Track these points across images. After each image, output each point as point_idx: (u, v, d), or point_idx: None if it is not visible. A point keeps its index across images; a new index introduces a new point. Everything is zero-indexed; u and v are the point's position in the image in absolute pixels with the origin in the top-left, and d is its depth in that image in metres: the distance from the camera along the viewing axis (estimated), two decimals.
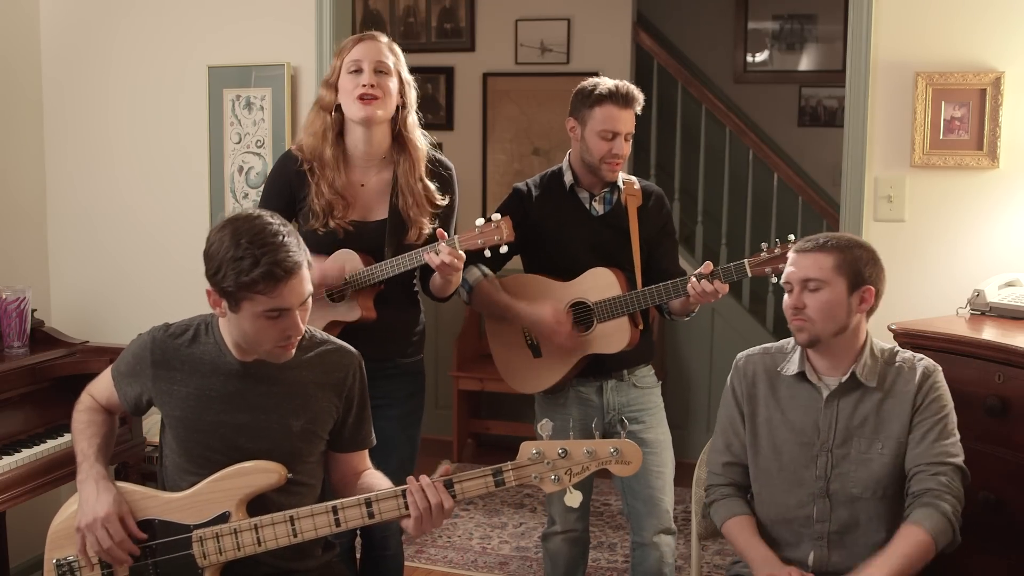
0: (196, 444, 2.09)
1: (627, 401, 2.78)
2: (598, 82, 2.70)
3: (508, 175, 5.44)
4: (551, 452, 1.94)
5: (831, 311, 2.16)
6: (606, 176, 2.72)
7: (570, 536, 2.84)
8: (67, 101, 3.61)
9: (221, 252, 1.95)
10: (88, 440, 2.17)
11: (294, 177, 2.56)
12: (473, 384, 5.07)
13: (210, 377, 2.09)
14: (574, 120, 2.74)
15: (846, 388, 2.21)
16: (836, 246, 2.18)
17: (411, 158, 2.54)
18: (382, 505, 1.98)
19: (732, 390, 2.35)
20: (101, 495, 2.05)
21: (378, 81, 2.46)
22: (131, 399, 2.18)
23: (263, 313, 1.96)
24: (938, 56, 2.86)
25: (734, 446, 2.33)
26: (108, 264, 3.63)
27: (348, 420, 2.17)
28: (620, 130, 2.66)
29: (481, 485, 1.96)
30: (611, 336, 2.70)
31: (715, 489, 2.35)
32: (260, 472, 2.04)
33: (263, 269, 1.91)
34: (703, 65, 5.82)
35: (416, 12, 5.64)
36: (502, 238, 2.41)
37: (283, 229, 1.97)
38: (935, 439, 2.15)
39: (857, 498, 2.18)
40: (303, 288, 1.98)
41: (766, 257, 2.50)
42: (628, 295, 2.66)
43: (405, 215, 2.53)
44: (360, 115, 2.47)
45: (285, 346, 2.03)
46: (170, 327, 2.16)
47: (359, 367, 2.19)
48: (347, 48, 2.52)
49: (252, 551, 2.02)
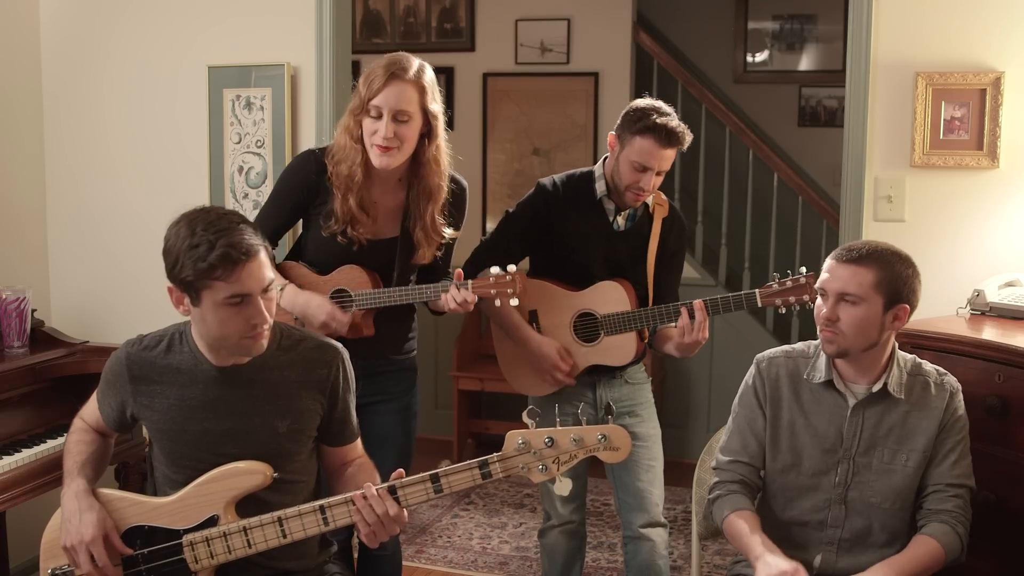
0: (182, 455, 2.08)
1: (619, 396, 2.79)
2: (651, 111, 2.59)
3: (508, 175, 5.44)
4: (537, 441, 1.91)
5: (864, 328, 2.13)
6: (629, 202, 2.69)
7: (566, 529, 2.84)
8: (67, 101, 3.61)
9: (177, 244, 1.93)
10: (73, 458, 2.16)
11: (314, 182, 2.54)
12: (473, 384, 5.07)
13: (189, 386, 2.07)
14: (615, 137, 2.67)
15: (875, 398, 2.20)
16: (878, 261, 2.12)
17: (428, 189, 2.51)
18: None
19: (754, 391, 2.31)
20: (84, 515, 2.03)
21: (396, 130, 2.41)
22: (114, 417, 2.18)
23: (224, 301, 1.93)
24: (938, 56, 2.86)
25: (751, 447, 2.30)
26: (108, 264, 3.63)
27: (334, 416, 2.16)
28: (653, 166, 2.59)
29: (468, 478, 1.94)
30: (616, 350, 2.70)
31: (722, 485, 2.32)
32: (246, 474, 2.02)
33: (219, 252, 1.89)
34: (703, 65, 5.82)
35: (416, 12, 5.64)
36: (514, 291, 2.40)
37: (236, 217, 1.96)
38: (956, 459, 2.17)
39: (875, 507, 2.19)
40: (262, 273, 1.95)
41: (777, 289, 2.50)
42: (637, 312, 2.65)
43: (415, 241, 2.54)
44: (376, 164, 2.45)
45: (253, 336, 1.99)
46: (143, 339, 2.14)
47: (342, 362, 2.16)
48: (369, 82, 2.41)
49: (243, 553, 2.02)
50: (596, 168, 2.77)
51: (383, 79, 2.40)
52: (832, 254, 2.20)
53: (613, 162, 2.68)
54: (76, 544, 2.01)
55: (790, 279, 2.49)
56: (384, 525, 1.95)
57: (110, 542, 2.03)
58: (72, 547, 2.02)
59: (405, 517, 1.98)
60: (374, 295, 2.50)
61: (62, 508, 2.08)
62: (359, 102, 2.44)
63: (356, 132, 2.46)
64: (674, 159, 2.65)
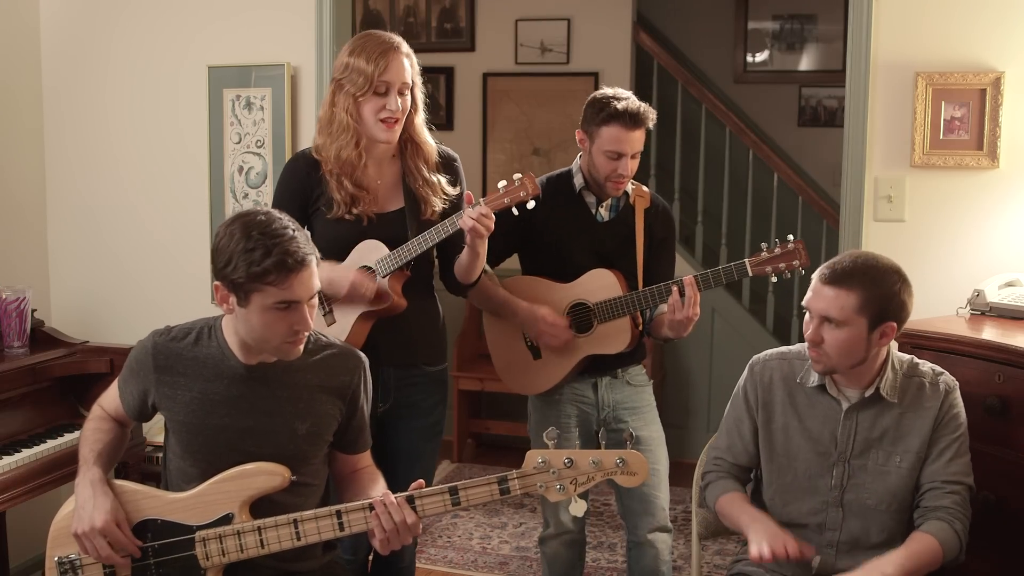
0: (200, 448, 2.09)
1: (621, 399, 2.79)
2: (608, 99, 2.63)
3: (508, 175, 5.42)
4: (557, 461, 1.94)
5: (849, 350, 2.11)
6: (611, 192, 2.72)
7: (566, 539, 2.82)
8: (67, 101, 3.61)
9: (231, 245, 1.96)
10: (90, 446, 2.16)
11: (308, 180, 2.54)
12: (473, 384, 5.06)
13: (214, 381, 2.08)
14: (583, 133, 2.70)
15: (868, 402, 2.19)
16: (862, 281, 2.08)
17: (420, 151, 2.54)
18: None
19: (745, 394, 2.31)
20: (98, 501, 2.04)
21: (400, 102, 2.45)
22: (135, 406, 2.18)
23: (273, 306, 1.96)
24: (938, 56, 2.86)
25: (736, 448, 2.32)
26: (108, 264, 3.63)
27: (351, 423, 2.17)
28: (626, 151, 2.63)
29: (486, 493, 1.98)
30: (612, 337, 2.70)
31: (710, 474, 2.36)
32: (264, 474, 2.03)
33: (275, 259, 1.92)
34: (703, 65, 5.82)
35: (416, 12, 5.64)
36: (528, 193, 2.40)
37: (292, 225, 2.00)
38: (952, 457, 2.16)
39: (871, 509, 2.18)
40: (312, 282, 1.99)
41: (766, 257, 2.52)
42: (628, 295, 2.66)
43: (420, 197, 2.53)
44: (384, 138, 2.46)
45: (293, 342, 2.03)
46: (171, 330, 2.15)
47: (364, 370, 2.18)
48: (375, 60, 2.42)
49: (255, 553, 2.02)
50: (573, 165, 2.80)
51: (388, 56, 2.43)
52: (817, 272, 2.16)
53: (587, 158, 2.71)
54: (88, 531, 2.02)
55: (779, 246, 2.50)
56: (399, 533, 1.97)
57: (121, 531, 2.03)
58: (84, 533, 2.02)
59: (420, 527, 2.00)
60: (394, 255, 2.47)
61: (76, 495, 2.08)
62: (365, 82, 2.42)
63: (356, 113, 2.47)
64: (646, 139, 2.68)
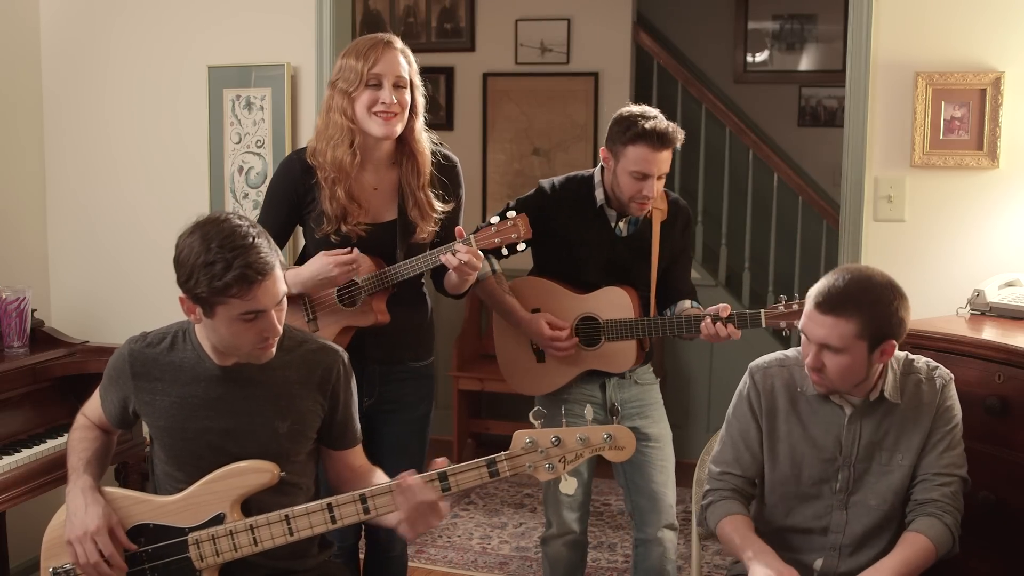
0: (183, 452, 2.09)
1: (629, 397, 2.78)
2: (636, 117, 2.57)
3: (508, 175, 5.44)
4: (544, 440, 1.94)
5: (851, 373, 2.09)
6: (634, 212, 2.67)
7: (569, 540, 2.81)
8: (67, 101, 3.61)
9: (192, 258, 1.93)
10: (78, 455, 2.17)
11: (301, 183, 2.53)
12: (473, 384, 5.06)
13: (191, 384, 2.08)
14: (607, 151, 2.65)
15: (871, 406, 2.19)
16: (858, 306, 2.03)
17: (416, 164, 2.51)
18: (377, 500, 1.99)
19: (748, 402, 2.27)
20: (89, 508, 2.04)
21: (397, 96, 2.43)
22: (116, 414, 2.18)
23: (239, 317, 1.94)
24: (938, 56, 2.86)
25: (744, 459, 2.28)
26: (108, 264, 3.63)
27: (335, 418, 2.16)
28: (652, 172, 2.57)
29: (475, 476, 1.95)
30: (617, 356, 2.70)
31: (714, 492, 2.30)
32: (252, 472, 2.03)
33: (236, 272, 1.89)
34: (703, 65, 5.82)
35: (416, 12, 5.64)
36: (519, 236, 2.38)
37: (252, 231, 1.96)
38: (944, 449, 2.16)
39: (874, 509, 2.18)
40: (277, 288, 1.97)
41: (783, 311, 2.50)
42: (640, 321, 2.65)
43: (410, 219, 2.52)
44: (380, 132, 2.44)
45: (264, 347, 2.02)
46: (147, 336, 2.15)
47: (342, 364, 2.17)
48: (364, 55, 2.42)
49: (249, 552, 2.02)
50: (595, 174, 2.75)
51: (378, 50, 2.43)
52: (812, 295, 2.10)
53: (611, 176, 2.66)
54: (81, 535, 2.01)
55: (796, 303, 2.48)
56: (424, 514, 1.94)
57: (115, 536, 2.03)
58: (77, 539, 2.02)
59: (445, 509, 1.97)
60: (381, 275, 2.47)
61: (67, 504, 2.08)
62: (356, 77, 2.42)
63: (350, 111, 2.45)
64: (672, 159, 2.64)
